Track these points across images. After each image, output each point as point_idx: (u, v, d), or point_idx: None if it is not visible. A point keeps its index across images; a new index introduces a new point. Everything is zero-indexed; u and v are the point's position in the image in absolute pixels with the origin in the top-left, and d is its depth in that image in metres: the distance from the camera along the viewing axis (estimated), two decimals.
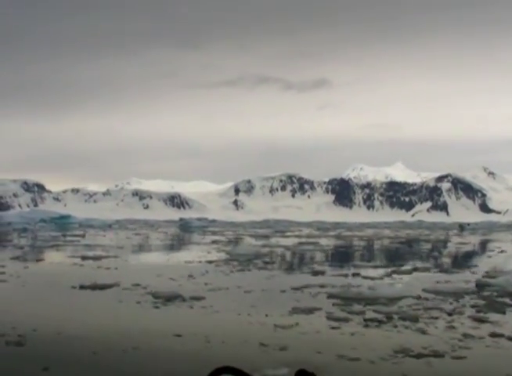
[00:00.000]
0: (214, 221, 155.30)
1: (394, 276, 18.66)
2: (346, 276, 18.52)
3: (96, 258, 24.15)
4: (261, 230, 79.21)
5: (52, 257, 26.81)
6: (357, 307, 11.79)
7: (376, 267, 22.23)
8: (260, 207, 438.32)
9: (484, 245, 46.11)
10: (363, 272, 19.57)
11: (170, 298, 12.61)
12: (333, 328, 9.64)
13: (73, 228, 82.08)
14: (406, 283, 16.53)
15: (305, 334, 9.19)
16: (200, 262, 23.77)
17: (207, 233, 65.35)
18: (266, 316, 10.64)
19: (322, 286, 15.28)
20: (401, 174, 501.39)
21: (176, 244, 43.90)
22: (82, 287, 14.38)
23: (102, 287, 14.44)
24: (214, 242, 42.85)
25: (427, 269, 21.26)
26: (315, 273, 19.19)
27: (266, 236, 56.06)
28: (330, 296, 13.34)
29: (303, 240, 48.21)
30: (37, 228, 74.88)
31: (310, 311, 11.24)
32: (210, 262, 23.68)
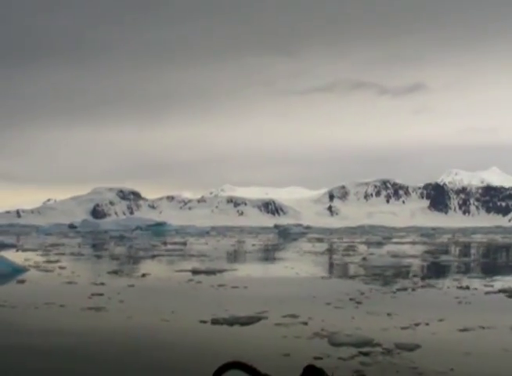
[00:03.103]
0: (309, 227, 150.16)
1: None
2: None
3: (210, 272, 19.70)
4: (370, 237, 73.65)
5: (158, 270, 22.21)
6: None
7: None
8: (354, 213, 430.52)
9: None
10: None
11: (364, 347, 7.82)
12: None
13: (170, 235, 78.76)
14: None
15: None
16: (339, 276, 19.13)
17: (312, 240, 60.28)
18: None
19: None
20: (497, 178, 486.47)
21: (287, 252, 39.18)
22: (216, 322, 9.71)
23: (245, 322, 9.73)
24: (328, 250, 38.17)
25: None
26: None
27: (379, 243, 50.96)
28: None
29: (424, 247, 43.14)
30: (135, 236, 71.87)
31: None
32: (351, 277, 18.99)
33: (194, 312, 10.66)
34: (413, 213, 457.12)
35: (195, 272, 19.72)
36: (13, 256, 26.53)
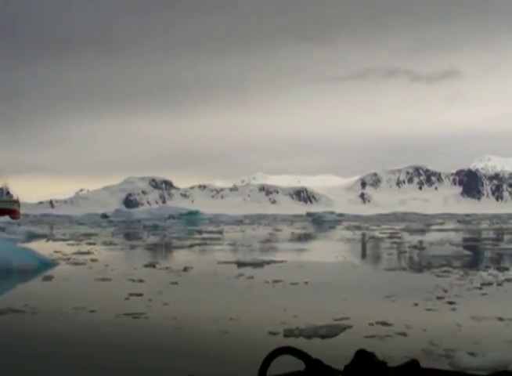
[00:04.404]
0: (342, 215, 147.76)
1: None
2: None
3: (257, 265, 17.60)
4: (408, 224, 71.30)
5: (199, 262, 20.10)
6: None
7: None
8: (387, 200, 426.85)
9: None
10: None
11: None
12: None
13: (204, 224, 76.96)
14: None
15: None
16: (404, 268, 16.96)
17: (350, 228, 57.93)
18: None
19: None
20: None
21: (330, 241, 36.95)
22: (289, 334, 7.33)
23: (326, 334, 7.49)
24: (373, 238, 36.05)
25: None
26: None
27: (422, 231, 48.76)
28: None
29: (470, 234, 41.03)
30: (168, 225, 70.19)
31: None
32: (416, 269, 16.87)
33: (258, 320, 8.57)
34: (446, 200, 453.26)
35: (240, 264, 17.68)
36: (43, 247, 24.82)
